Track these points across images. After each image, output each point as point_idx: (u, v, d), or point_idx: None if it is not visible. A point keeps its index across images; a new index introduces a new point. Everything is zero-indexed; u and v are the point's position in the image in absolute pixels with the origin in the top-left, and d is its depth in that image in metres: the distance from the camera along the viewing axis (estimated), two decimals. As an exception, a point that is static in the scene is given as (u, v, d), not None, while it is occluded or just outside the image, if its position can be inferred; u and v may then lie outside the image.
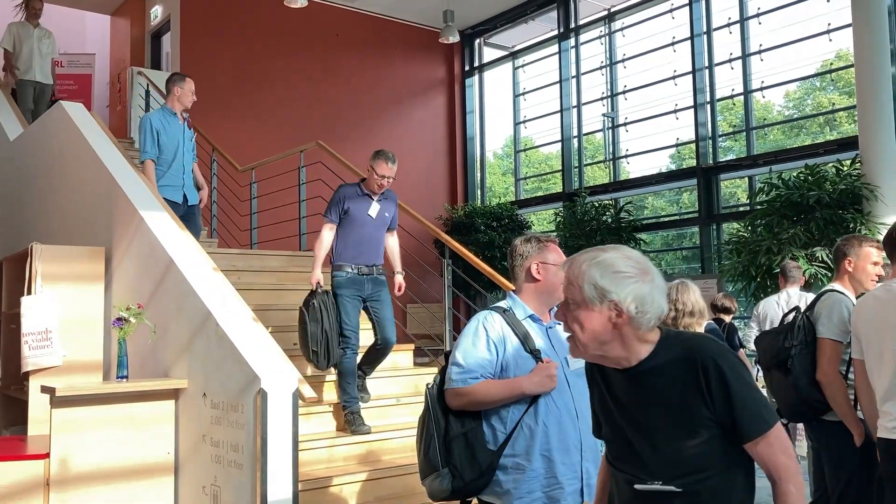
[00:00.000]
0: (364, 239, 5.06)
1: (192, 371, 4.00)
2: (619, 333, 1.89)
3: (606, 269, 1.88)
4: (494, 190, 17.22)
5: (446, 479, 2.57)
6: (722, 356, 1.88)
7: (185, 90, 5.89)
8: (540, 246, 2.80)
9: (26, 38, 8.79)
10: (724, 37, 10.47)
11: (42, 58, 8.84)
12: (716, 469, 1.86)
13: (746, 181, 10.57)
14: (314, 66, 11.84)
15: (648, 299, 1.87)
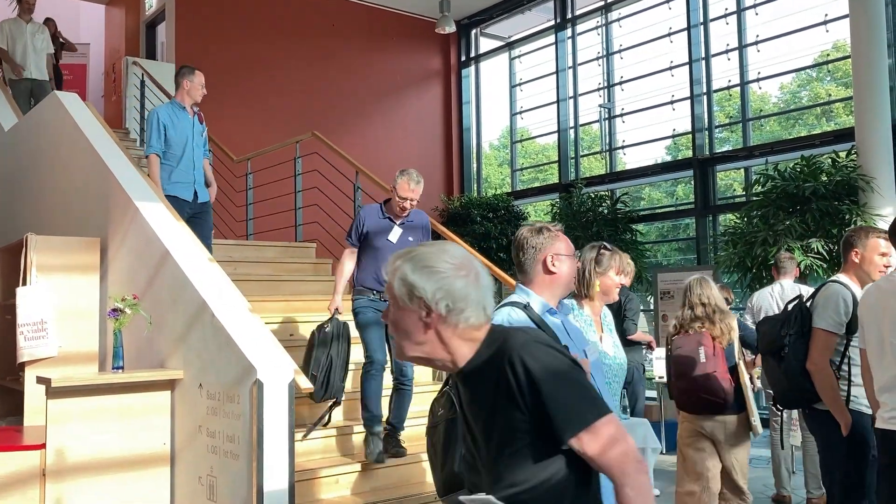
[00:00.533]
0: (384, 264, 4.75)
1: (187, 362, 4.00)
2: (435, 333, 1.73)
3: (418, 264, 1.74)
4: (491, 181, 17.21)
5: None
6: (526, 348, 1.68)
7: (194, 83, 5.72)
8: (551, 236, 2.67)
9: (19, 35, 8.56)
10: (720, 28, 10.46)
11: (37, 54, 8.62)
12: (539, 479, 1.67)
13: (742, 172, 10.57)
14: (310, 57, 11.80)
15: (462, 295, 1.69)
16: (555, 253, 2.64)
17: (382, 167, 10.78)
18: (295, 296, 6.29)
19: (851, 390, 3.57)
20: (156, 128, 5.50)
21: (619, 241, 10.06)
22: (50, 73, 8.79)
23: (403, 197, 4.75)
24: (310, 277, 6.87)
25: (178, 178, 5.56)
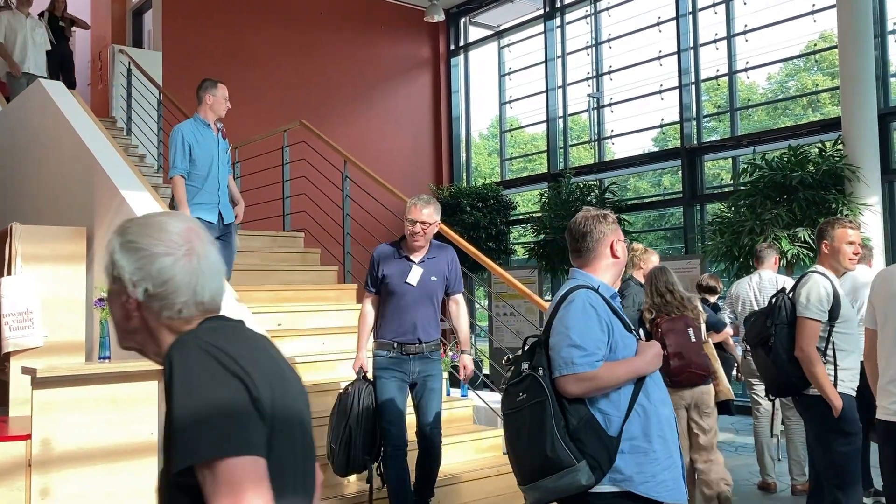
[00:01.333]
0: (407, 311, 4.15)
1: (174, 352, 3.99)
2: (141, 321, 1.43)
3: (125, 238, 1.43)
4: (480, 170, 17.21)
5: (584, 473, 2.36)
6: (183, 347, 1.34)
7: (217, 97, 5.29)
8: (614, 222, 2.74)
9: (19, 28, 8.29)
10: (709, 17, 10.47)
11: (36, 48, 8.37)
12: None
13: (730, 162, 10.61)
14: (298, 45, 11.74)
15: (165, 278, 1.39)
16: (618, 239, 2.71)
17: (371, 156, 10.77)
18: (283, 285, 6.27)
19: (838, 374, 3.71)
20: (181, 147, 5.05)
21: (607, 230, 10.08)
22: (48, 71, 8.51)
23: (413, 220, 4.10)
24: (298, 267, 6.86)
25: (201, 200, 5.10)
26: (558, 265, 10.34)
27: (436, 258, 4.26)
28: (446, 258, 4.31)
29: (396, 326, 4.15)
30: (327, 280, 6.80)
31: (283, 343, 5.23)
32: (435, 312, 4.27)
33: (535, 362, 2.50)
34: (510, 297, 10.14)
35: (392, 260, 4.22)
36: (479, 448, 5.09)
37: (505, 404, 2.54)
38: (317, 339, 5.60)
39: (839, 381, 3.71)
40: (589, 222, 2.70)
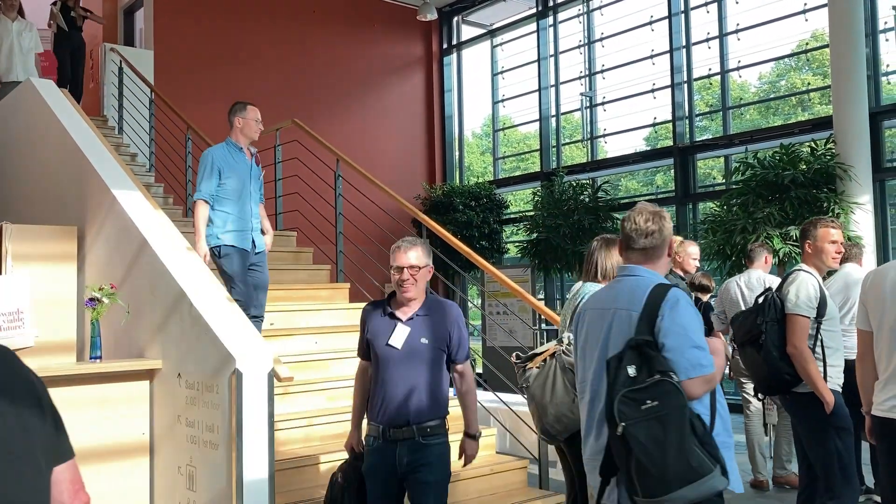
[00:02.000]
0: (391, 383, 3.31)
1: (166, 351, 3.98)
2: None
3: None
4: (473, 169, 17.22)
5: (720, 478, 2.35)
6: None
7: (247, 119, 5.12)
8: (670, 221, 2.80)
9: (5, 34, 8.05)
10: (701, 16, 10.48)
11: (24, 54, 8.07)
12: None
13: (721, 161, 10.63)
14: (290, 43, 11.71)
15: None
16: (673, 237, 2.78)
17: (364, 155, 10.75)
18: (275, 284, 6.25)
19: (827, 370, 3.77)
20: (209, 171, 4.85)
21: (600, 229, 10.10)
22: (40, 73, 8.29)
23: (398, 266, 3.34)
24: (290, 266, 6.85)
25: (236, 227, 4.90)
26: (551, 264, 10.35)
27: (430, 316, 3.36)
28: (446, 316, 3.39)
29: (381, 403, 3.30)
30: (320, 279, 6.79)
31: (276, 342, 5.22)
32: (432, 385, 3.31)
33: (659, 366, 2.38)
34: (503, 296, 10.15)
35: (378, 318, 3.41)
36: (472, 447, 5.08)
37: (625, 414, 2.34)
38: (309, 338, 5.59)
39: (828, 378, 3.77)
40: (656, 219, 2.70)
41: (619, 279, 2.74)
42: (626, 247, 2.73)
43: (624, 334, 2.51)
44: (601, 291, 2.86)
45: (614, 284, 2.76)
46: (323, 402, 5.05)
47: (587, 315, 2.76)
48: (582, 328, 2.77)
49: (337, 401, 5.08)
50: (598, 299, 2.78)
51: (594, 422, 2.63)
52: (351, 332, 5.81)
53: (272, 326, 5.56)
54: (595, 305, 2.75)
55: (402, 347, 3.31)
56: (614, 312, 2.60)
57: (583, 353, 2.74)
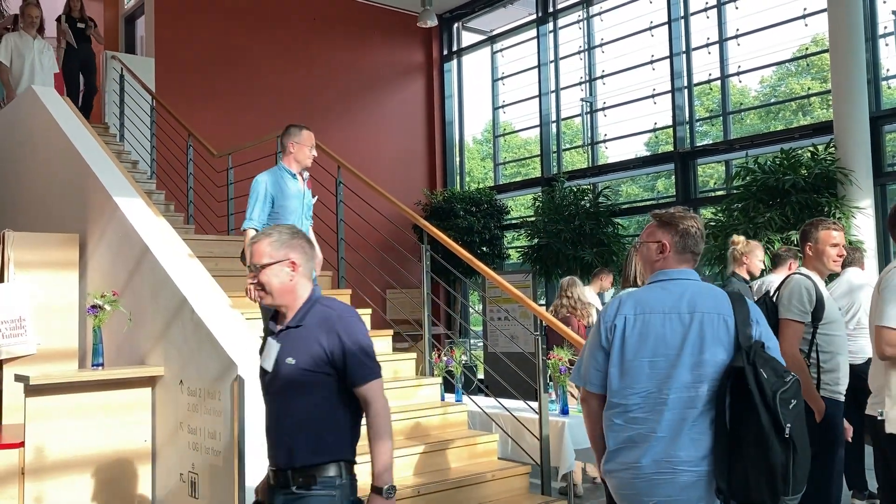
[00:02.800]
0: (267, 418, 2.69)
1: (168, 358, 3.98)
2: None
3: None
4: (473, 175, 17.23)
5: None
6: None
7: (301, 145, 4.91)
8: None
9: (26, 51, 7.89)
10: (701, 21, 10.51)
11: (44, 73, 7.90)
12: None
13: (718, 167, 10.65)
14: (291, 51, 11.74)
15: None
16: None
17: (365, 161, 10.75)
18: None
19: (822, 377, 3.72)
20: (262, 198, 4.62)
21: (601, 234, 10.11)
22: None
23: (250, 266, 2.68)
24: (292, 272, 6.83)
25: None
26: (552, 269, 10.34)
27: (302, 327, 2.58)
28: (320, 327, 2.55)
29: (266, 439, 2.69)
30: (321, 285, 6.78)
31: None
32: (310, 420, 2.54)
33: (780, 367, 2.44)
34: (504, 302, 10.14)
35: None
36: (474, 453, 5.08)
37: (785, 415, 2.36)
38: (311, 344, 5.58)
39: (822, 385, 3.69)
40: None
41: (675, 282, 2.64)
42: (683, 250, 2.67)
43: (721, 338, 2.50)
44: (651, 294, 2.65)
45: (670, 287, 2.63)
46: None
47: (642, 318, 2.58)
48: (633, 331, 2.58)
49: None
50: (657, 302, 2.60)
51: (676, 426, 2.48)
52: (352, 338, 5.81)
53: (274, 333, 5.55)
54: (655, 309, 2.58)
55: (272, 370, 2.61)
56: (701, 316, 2.53)
57: (635, 356, 2.56)
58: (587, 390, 2.68)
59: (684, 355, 2.50)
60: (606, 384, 2.62)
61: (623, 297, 2.67)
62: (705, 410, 2.47)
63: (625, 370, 2.58)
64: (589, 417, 2.72)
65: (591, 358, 2.66)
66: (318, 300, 2.65)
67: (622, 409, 2.56)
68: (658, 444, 2.48)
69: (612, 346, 2.61)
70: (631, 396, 2.55)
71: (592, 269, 9.67)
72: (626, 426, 2.54)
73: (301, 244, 2.65)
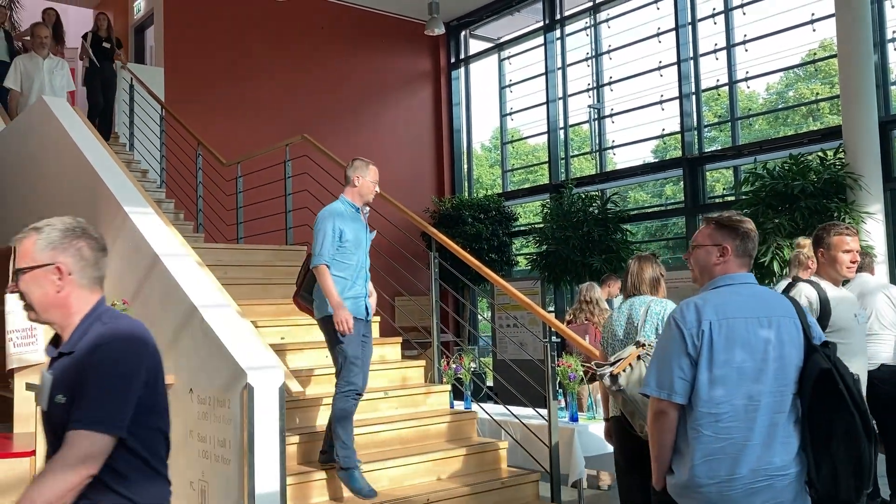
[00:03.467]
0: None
1: (178, 367, 4.00)
2: None
3: None
4: (482, 182, 17.24)
5: None
6: None
7: (366, 180, 4.81)
8: None
9: (35, 73, 7.71)
10: (708, 27, 10.51)
11: (55, 93, 7.61)
12: None
13: (726, 173, 10.63)
14: (299, 60, 11.79)
15: None
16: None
17: (373, 169, 10.77)
18: (286, 299, 6.25)
19: None
20: (331, 233, 4.48)
21: (609, 240, 10.09)
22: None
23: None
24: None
25: (353, 294, 4.52)
26: (561, 276, 10.34)
27: (73, 354, 1.99)
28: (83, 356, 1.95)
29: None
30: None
31: (286, 356, 5.24)
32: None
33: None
34: (513, 309, 10.14)
35: None
36: (484, 461, 5.08)
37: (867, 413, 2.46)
38: (320, 352, 5.58)
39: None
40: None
41: (745, 286, 2.61)
42: (743, 254, 2.64)
43: (795, 340, 2.53)
44: (727, 298, 2.58)
45: (742, 291, 2.60)
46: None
47: (727, 323, 2.51)
48: (720, 337, 2.49)
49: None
50: (736, 306, 2.54)
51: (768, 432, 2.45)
52: (361, 345, 5.82)
53: (283, 341, 5.57)
54: (736, 314, 2.53)
55: (46, 410, 2.02)
56: (778, 320, 2.53)
57: (724, 363, 2.48)
58: (669, 401, 2.52)
59: (769, 360, 2.49)
60: (690, 393, 2.51)
61: (698, 302, 2.58)
62: (790, 412, 2.49)
63: (714, 378, 2.48)
64: (665, 430, 2.56)
65: (675, 366, 2.52)
66: (99, 317, 2.03)
67: (712, 419, 2.47)
68: (753, 453, 2.43)
69: (701, 354, 2.50)
70: (722, 405, 2.47)
71: (601, 275, 9.67)
72: (715, 437, 2.46)
73: (79, 245, 2.06)
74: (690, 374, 2.51)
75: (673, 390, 2.52)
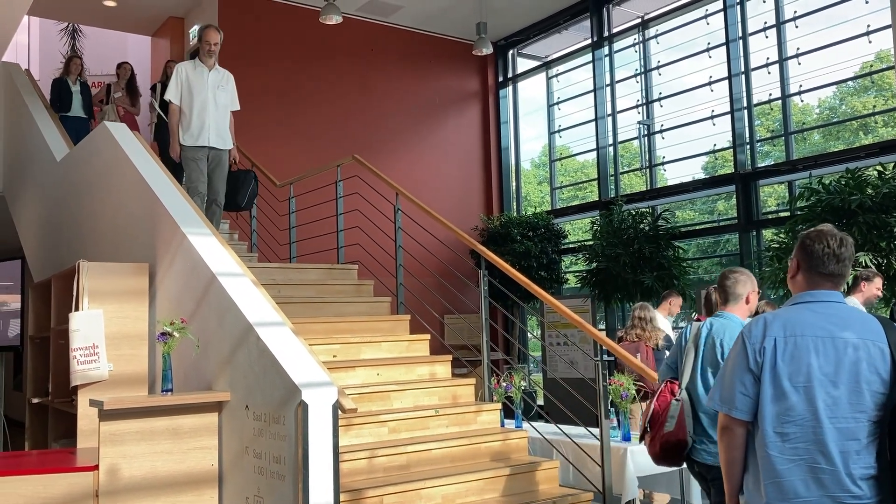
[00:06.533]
0: None
1: (234, 384, 4.08)
2: None
3: None
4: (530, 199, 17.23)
5: None
6: None
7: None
8: None
9: (198, 86, 6.53)
10: (760, 41, 10.37)
11: (218, 111, 6.63)
12: None
13: (779, 188, 10.44)
14: (349, 81, 11.98)
15: None
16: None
17: (422, 188, 10.88)
18: (338, 317, 6.36)
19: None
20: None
21: (661, 257, 9.98)
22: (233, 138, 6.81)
23: None
24: (352, 299, 6.95)
25: None
26: (611, 293, 10.25)
27: None
28: None
29: None
30: (381, 311, 6.87)
31: (339, 374, 5.30)
32: None
33: None
34: (563, 327, 10.08)
35: None
36: (535, 480, 5.06)
37: None
38: (371, 370, 5.65)
39: None
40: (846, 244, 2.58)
41: (821, 304, 2.52)
42: (809, 270, 2.56)
43: (878, 366, 2.40)
44: (799, 315, 2.52)
45: (817, 309, 2.51)
46: (385, 434, 5.09)
47: (793, 341, 2.46)
48: (785, 355, 2.45)
49: (399, 432, 5.12)
50: (806, 324, 2.48)
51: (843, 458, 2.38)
52: (412, 363, 5.87)
53: (335, 359, 5.64)
54: (805, 332, 2.46)
55: None
56: (855, 342, 2.42)
57: (789, 382, 2.43)
58: (732, 417, 2.50)
59: (840, 383, 2.40)
60: (754, 411, 2.47)
61: (768, 318, 2.54)
62: (869, 443, 2.37)
63: (778, 396, 2.43)
64: (731, 447, 2.53)
65: (738, 382, 2.49)
66: None
67: (778, 439, 2.42)
68: (824, 477, 2.37)
69: (763, 370, 2.46)
70: (788, 425, 2.41)
71: (653, 293, 9.56)
72: (781, 457, 2.41)
73: None
74: (753, 390, 2.47)
75: (734, 405, 2.49)
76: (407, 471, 4.83)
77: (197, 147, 6.65)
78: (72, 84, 9.52)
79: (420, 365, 5.88)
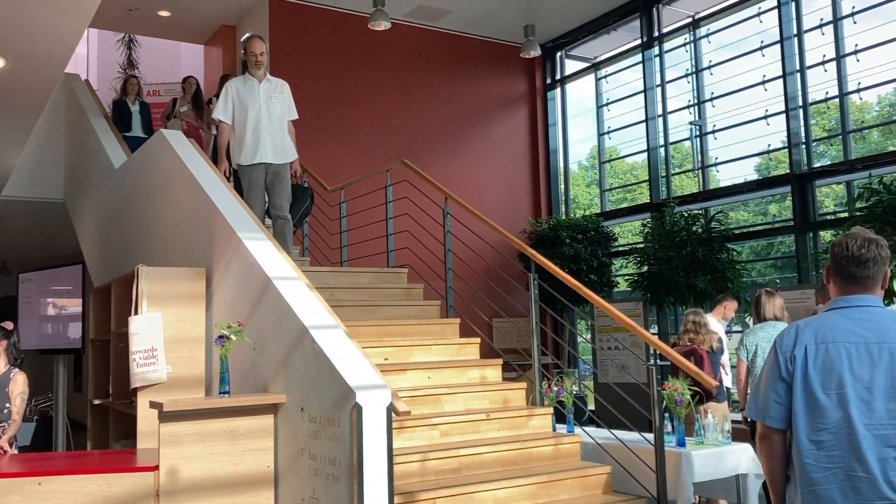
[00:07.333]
0: None
1: (289, 386, 4.14)
2: None
3: None
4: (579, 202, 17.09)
5: None
6: None
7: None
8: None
9: (250, 99, 6.34)
10: (816, 38, 10.14)
11: (272, 124, 6.37)
12: None
13: (836, 189, 10.18)
14: (398, 86, 12.06)
15: None
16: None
17: (471, 192, 10.89)
18: (388, 320, 6.40)
19: None
20: None
21: (714, 260, 9.82)
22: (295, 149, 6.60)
23: None
24: (402, 302, 6.99)
25: None
26: (664, 297, 10.11)
27: None
28: None
29: None
30: (430, 314, 6.90)
31: (391, 377, 5.33)
32: None
33: None
34: (614, 331, 9.99)
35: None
36: (588, 485, 5.02)
37: None
38: (422, 373, 5.67)
39: None
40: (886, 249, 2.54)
41: (856, 309, 2.48)
42: (837, 273, 2.54)
43: None
44: (832, 322, 2.49)
45: (850, 314, 2.48)
46: (437, 437, 5.11)
47: (824, 348, 2.43)
48: (816, 362, 2.43)
49: (451, 436, 5.13)
50: (838, 331, 2.45)
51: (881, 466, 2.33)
52: (463, 367, 5.87)
53: (386, 361, 5.68)
54: (838, 338, 2.43)
55: None
56: (892, 347, 2.38)
57: (822, 390, 2.41)
58: (767, 425, 2.50)
59: (875, 390, 2.36)
60: (788, 419, 2.46)
61: (801, 325, 2.52)
62: None
63: (810, 404, 2.42)
64: (770, 456, 2.52)
65: (771, 390, 2.49)
66: None
67: (813, 447, 2.40)
68: (862, 485, 2.34)
69: (794, 379, 2.45)
70: (822, 433, 2.39)
71: (706, 296, 9.41)
72: (817, 465, 2.39)
73: None
74: (786, 398, 2.45)
75: (768, 414, 2.48)
76: (459, 474, 4.84)
77: (253, 165, 6.38)
78: (131, 104, 9.73)
79: (471, 368, 5.89)
